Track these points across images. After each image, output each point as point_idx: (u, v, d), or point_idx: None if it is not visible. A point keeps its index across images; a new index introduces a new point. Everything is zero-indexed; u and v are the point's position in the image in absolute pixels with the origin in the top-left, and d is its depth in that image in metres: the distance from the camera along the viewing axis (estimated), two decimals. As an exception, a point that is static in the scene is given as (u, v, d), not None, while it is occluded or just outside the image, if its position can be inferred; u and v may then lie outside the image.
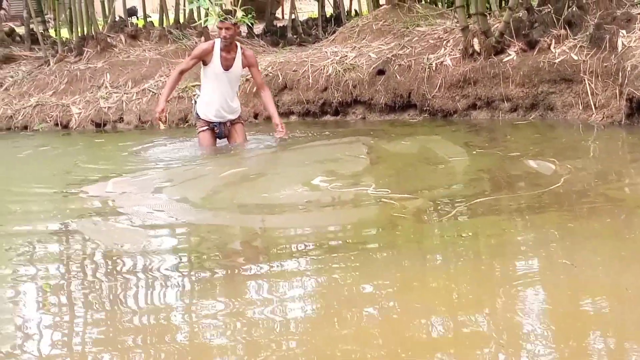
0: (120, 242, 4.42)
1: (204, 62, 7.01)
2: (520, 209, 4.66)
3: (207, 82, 7.08)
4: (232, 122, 7.18)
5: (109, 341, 3.11)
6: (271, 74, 8.98)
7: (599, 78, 7.47)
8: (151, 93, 9.46)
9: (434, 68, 8.47)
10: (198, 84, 9.01)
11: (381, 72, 8.76)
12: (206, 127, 7.09)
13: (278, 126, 7.25)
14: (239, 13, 7.13)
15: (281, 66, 9.20)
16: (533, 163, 5.80)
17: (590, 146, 6.85)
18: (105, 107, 9.51)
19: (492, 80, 8.10)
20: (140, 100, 9.47)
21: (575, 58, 7.65)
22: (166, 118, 7.07)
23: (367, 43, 9.46)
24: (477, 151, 6.65)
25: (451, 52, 8.54)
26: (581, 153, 6.49)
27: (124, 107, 9.45)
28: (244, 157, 6.91)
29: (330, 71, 8.95)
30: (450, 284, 3.57)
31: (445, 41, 8.81)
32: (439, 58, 8.55)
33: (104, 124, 9.44)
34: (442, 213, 4.70)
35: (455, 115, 8.37)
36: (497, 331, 3.01)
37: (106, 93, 9.72)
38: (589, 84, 7.50)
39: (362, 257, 3.94)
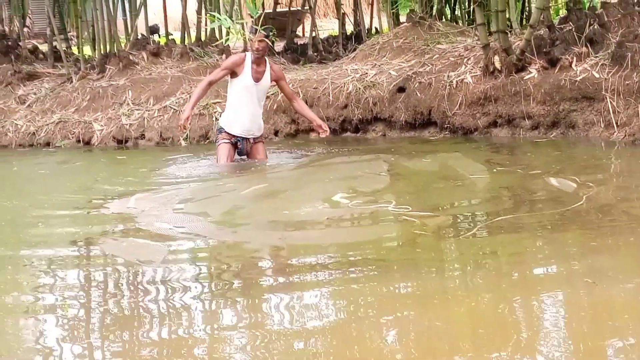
0: (141, 258, 4.43)
1: (234, 74, 7.05)
2: (541, 227, 4.64)
3: (236, 95, 7.11)
4: (255, 140, 7.22)
5: (129, 355, 3.12)
6: (291, 87, 9.01)
7: (621, 96, 7.43)
8: (172, 110, 9.50)
9: (455, 85, 8.46)
10: (219, 101, 9.08)
11: (401, 90, 8.77)
12: (227, 141, 7.11)
13: (321, 126, 7.34)
14: (260, 31, 7.17)
15: (302, 83, 9.22)
16: (554, 181, 5.77)
17: (611, 164, 6.81)
18: (127, 124, 9.57)
19: (513, 97, 8.08)
20: (161, 117, 9.52)
21: (597, 76, 7.62)
22: (189, 126, 7.10)
23: (388, 60, 9.47)
24: (498, 169, 6.64)
25: (472, 70, 8.54)
26: (603, 171, 6.46)
27: (146, 124, 9.50)
28: (265, 174, 6.92)
29: (350, 88, 8.97)
30: (470, 302, 3.55)
31: (466, 59, 8.81)
32: (460, 75, 8.54)
33: (126, 141, 9.49)
34: (463, 230, 4.69)
35: (475, 132, 8.36)
36: (518, 349, 2.99)
37: (128, 110, 9.78)
38: (611, 102, 7.47)
39: (382, 274, 3.93)
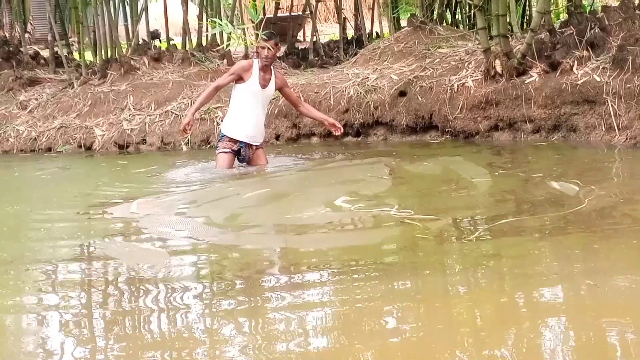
0: (143, 263, 4.44)
1: (241, 80, 7.06)
2: (544, 231, 4.64)
3: (241, 101, 7.11)
4: (257, 147, 7.24)
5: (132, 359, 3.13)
6: (295, 93, 9.01)
7: (622, 99, 7.44)
8: (174, 115, 9.51)
9: (456, 89, 8.47)
10: (220, 106, 9.09)
11: (403, 94, 8.78)
12: (228, 150, 7.11)
13: (334, 125, 7.41)
14: (261, 35, 7.18)
15: (303, 88, 9.23)
16: (556, 184, 5.77)
17: (613, 168, 6.81)
18: (128, 129, 9.57)
19: (514, 101, 8.08)
20: (163, 122, 9.52)
21: (598, 79, 7.63)
22: (190, 131, 7.11)
23: (389, 65, 9.48)
24: (500, 172, 6.64)
25: (473, 74, 8.55)
26: (604, 174, 6.46)
27: (147, 129, 9.51)
28: (267, 179, 6.93)
29: (351, 93, 8.97)
30: (472, 305, 3.55)
31: (467, 63, 8.81)
32: (461, 79, 8.55)
33: (127, 146, 9.49)
34: (465, 234, 4.70)
35: (477, 136, 8.36)
36: (521, 353, 2.99)
37: (129, 115, 9.78)
38: (612, 106, 7.47)
39: (384, 278, 3.93)
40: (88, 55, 12.00)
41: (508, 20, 8.61)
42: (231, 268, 4.32)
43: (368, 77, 9.18)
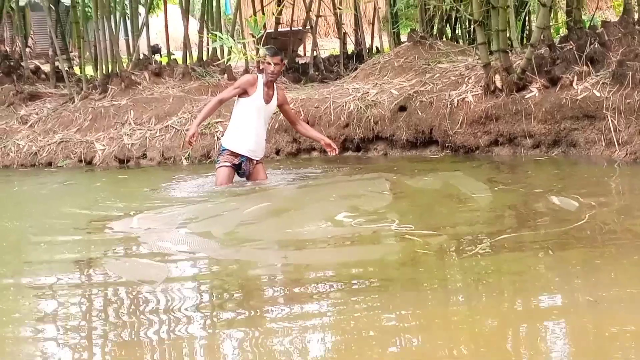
0: (143, 278, 4.43)
1: (246, 94, 7.07)
2: (544, 246, 4.63)
3: (244, 115, 7.12)
4: (257, 161, 7.25)
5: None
6: (293, 111, 9.02)
7: (622, 115, 7.45)
8: (174, 130, 9.52)
9: (456, 104, 8.48)
10: (221, 121, 9.10)
11: (403, 109, 8.79)
12: (229, 164, 7.12)
13: (330, 145, 7.42)
14: (262, 51, 7.20)
15: (303, 102, 9.25)
16: (556, 200, 5.78)
17: (613, 183, 6.81)
18: (128, 144, 9.58)
19: (514, 116, 8.10)
20: (163, 136, 9.54)
21: (597, 95, 7.64)
22: (195, 143, 7.11)
23: (389, 80, 9.50)
24: (500, 187, 6.64)
25: (473, 89, 8.57)
26: (604, 189, 6.46)
27: (147, 144, 9.52)
28: (268, 193, 6.93)
29: (351, 107, 8.99)
30: (473, 321, 3.54)
31: (466, 78, 8.84)
32: (461, 94, 8.57)
33: (128, 161, 9.50)
34: (466, 249, 4.69)
35: (477, 151, 8.37)
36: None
37: (130, 130, 9.80)
38: (612, 121, 7.49)
39: (385, 293, 3.93)
40: (89, 69, 12.04)
41: (508, 35, 8.64)
42: (231, 283, 4.32)
43: (368, 92, 9.20)
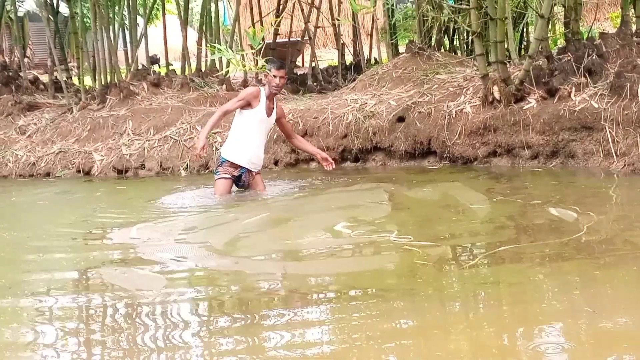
0: (142, 288, 4.42)
1: (249, 106, 7.08)
2: (543, 257, 4.63)
3: (246, 127, 7.13)
4: (256, 173, 7.27)
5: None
6: (292, 121, 9.04)
7: (620, 126, 7.46)
8: (173, 140, 9.54)
9: (454, 115, 8.50)
10: (219, 131, 9.11)
11: (401, 119, 8.81)
12: (229, 176, 7.12)
13: (326, 159, 7.46)
14: (261, 62, 7.22)
15: (301, 113, 9.26)
16: (554, 211, 5.77)
17: (612, 194, 6.81)
18: (127, 154, 9.59)
19: (513, 127, 8.11)
20: (161, 147, 9.55)
21: (595, 106, 7.66)
22: (205, 155, 7.09)
23: (387, 90, 9.52)
24: (499, 198, 6.64)
25: (471, 100, 8.58)
26: (603, 201, 6.46)
27: (146, 154, 9.53)
28: (267, 204, 6.93)
29: (350, 118, 9.00)
30: (471, 332, 3.53)
31: (465, 89, 8.86)
32: (459, 105, 8.58)
33: (126, 171, 9.51)
34: (465, 261, 4.69)
35: (475, 162, 8.38)
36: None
37: (128, 140, 9.81)
38: (610, 132, 7.50)
39: (383, 304, 3.92)
40: (87, 80, 12.07)
41: (506, 46, 8.66)
42: (230, 294, 4.31)
43: (366, 103, 9.22)
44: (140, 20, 13.12)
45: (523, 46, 11.31)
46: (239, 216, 6.35)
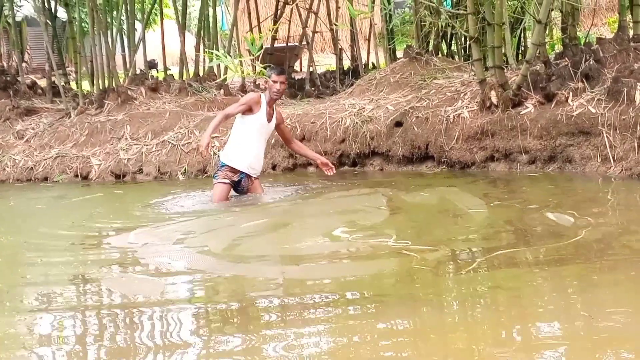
0: (139, 293, 4.43)
1: (250, 111, 7.09)
2: (541, 262, 4.64)
3: (246, 132, 7.15)
4: (254, 178, 7.28)
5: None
6: (289, 126, 9.04)
7: (617, 131, 7.47)
8: (170, 145, 9.54)
9: (452, 120, 8.51)
10: (217, 136, 9.11)
11: (399, 124, 8.82)
12: (228, 181, 7.13)
13: (327, 164, 7.51)
14: (259, 67, 7.23)
15: (299, 118, 9.27)
16: (552, 216, 5.78)
17: (609, 199, 6.82)
18: (124, 159, 9.59)
19: (510, 132, 8.12)
20: (159, 151, 9.55)
21: (593, 111, 7.67)
22: (210, 154, 7.06)
23: (385, 95, 9.54)
24: (496, 203, 6.65)
25: (469, 105, 8.59)
26: (600, 206, 6.47)
27: (144, 159, 9.53)
28: (265, 208, 6.93)
29: (348, 123, 9.01)
30: (468, 337, 3.54)
31: (462, 94, 8.87)
32: (457, 110, 8.59)
33: (124, 175, 9.50)
34: (463, 265, 4.70)
35: (473, 167, 8.39)
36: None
37: (126, 145, 9.81)
38: (607, 137, 7.51)
39: (381, 309, 3.94)
40: (85, 84, 12.07)
41: (503, 51, 8.69)
42: (228, 298, 4.31)
43: (364, 108, 9.23)
44: (138, 25, 13.12)
45: (520, 51, 11.33)
46: (237, 220, 6.36)
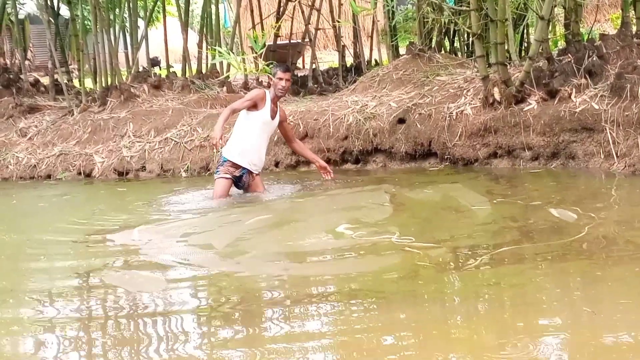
0: (143, 290, 4.44)
1: (255, 108, 7.11)
2: (544, 258, 4.63)
3: (250, 129, 7.17)
4: (256, 174, 7.30)
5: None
6: (292, 123, 9.04)
7: (620, 127, 7.46)
8: (173, 142, 9.54)
9: (455, 117, 8.50)
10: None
11: (402, 121, 8.81)
12: (229, 176, 7.14)
13: (325, 169, 7.58)
14: (262, 64, 7.23)
15: (302, 115, 9.26)
16: (555, 212, 5.78)
17: (612, 195, 6.82)
18: (127, 156, 9.60)
19: (513, 129, 8.11)
20: (162, 149, 9.55)
21: (596, 107, 7.66)
22: (222, 144, 7.07)
23: (388, 92, 9.52)
24: (499, 200, 6.64)
25: (471, 101, 8.58)
26: (604, 202, 6.46)
27: (147, 156, 9.53)
28: (268, 206, 6.94)
29: (350, 120, 9.00)
30: (471, 333, 3.55)
31: (465, 90, 8.86)
32: (460, 107, 8.58)
33: (127, 173, 9.51)
34: (466, 262, 4.69)
35: (476, 163, 8.38)
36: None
37: (129, 142, 9.81)
38: (610, 133, 7.50)
39: (384, 306, 3.94)
40: (88, 82, 12.07)
41: (506, 48, 8.66)
42: (231, 296, 4.32)
43: (367, 105, 9.22)
44: (140, 22, 13.13)
45: (523, 48, 11.31)
46: (241, 218, 6.36)
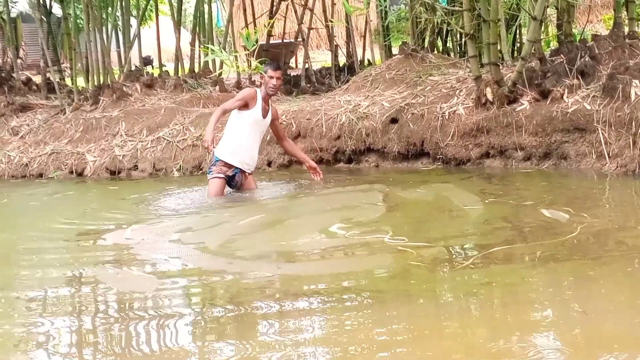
0: (134, 290, 4.43)
1: (246, 107, 7.12)
2: (537, 258, 4.64)
3: (241, 128, 7.17)
4: (248, 173, 7.29)
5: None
6: (285, 123, 9.04)
7: (612, 127, 7.48)
8: (166, 141, 9.53)
9: (447, 117, 8.51)
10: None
11: (394, 121, 8.81)
12: (222, 175, 7.14)
13: (315, 169, 7.60)
14: (254, 63, 7.23)
15: (295, 115, 9.26)
16: (547, 212, 5.79)
17: (604, 195, 6.84)
18: (120, 155, 9.58)
19: (505, 129, 8.12)
20: (154, 148, 9.54)
21: (588, 107, 7.68)
22: (214, 147, 7.07)
23: (380, 92, 9.53)
24: (491, 200, 6.65)
25: (464, 101, 8.59)
26: (596, 202, 6.47)
27: (139, 155, 9.52)
28: (261, 205, 6.94)
29: (343, 119, 9.01)
30: (463, 333, 3.55)
31: (458, 90, 8.87)
32: (452, 107, 8.59)
33: (119, 172, 9.50)
34: (458, 262, 4.70)
35: (468, 163, 8.39)
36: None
37: (121, 141, 9.80)
38: (602, 134, 7.52)
39: (376, 306, 3.94)
40: (80, 81, 12.04)
41: (499, 48, 8.68)
42: (223, 295, 4.32)
43: (360, 104, 9.22)
44: (133, 21, 13.10)
45: (516, 48, 11.32)
46: (234, 217, 6.36)
